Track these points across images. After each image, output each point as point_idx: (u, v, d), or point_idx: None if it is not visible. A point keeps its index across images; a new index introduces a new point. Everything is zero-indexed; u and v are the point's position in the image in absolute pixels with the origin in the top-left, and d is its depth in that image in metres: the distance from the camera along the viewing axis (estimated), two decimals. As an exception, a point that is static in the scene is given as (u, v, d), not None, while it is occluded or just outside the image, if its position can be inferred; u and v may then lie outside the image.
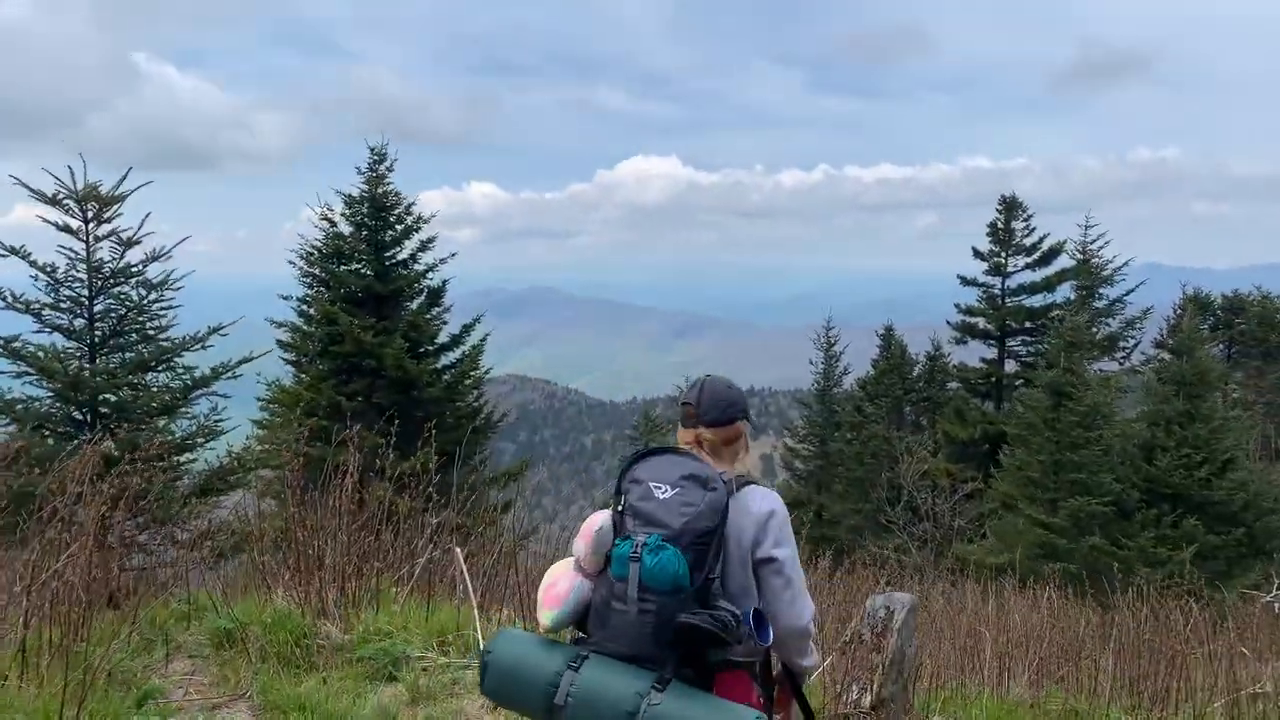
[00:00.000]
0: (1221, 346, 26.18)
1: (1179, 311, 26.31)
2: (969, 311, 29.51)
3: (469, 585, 5.06)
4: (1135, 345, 29.03)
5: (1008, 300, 28.93)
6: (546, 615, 2.69)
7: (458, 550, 5.14)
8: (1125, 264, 29.16)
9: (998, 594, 8.96)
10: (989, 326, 29.12)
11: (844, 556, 26.19)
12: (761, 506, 2.73)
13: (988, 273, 29.23)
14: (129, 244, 10.59)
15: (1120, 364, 28.18)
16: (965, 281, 29.78)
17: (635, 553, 2.48)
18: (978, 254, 29.26)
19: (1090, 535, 16.71)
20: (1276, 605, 13.76)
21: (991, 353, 29.61)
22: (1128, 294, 29.13)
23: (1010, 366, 29.20)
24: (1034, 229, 28.71)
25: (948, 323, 30.28)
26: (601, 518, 2.67)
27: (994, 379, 29.25)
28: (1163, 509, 16.52)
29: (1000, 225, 28.81)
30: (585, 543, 2.63)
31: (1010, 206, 28.83)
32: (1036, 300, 28.74)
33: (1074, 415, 17.97)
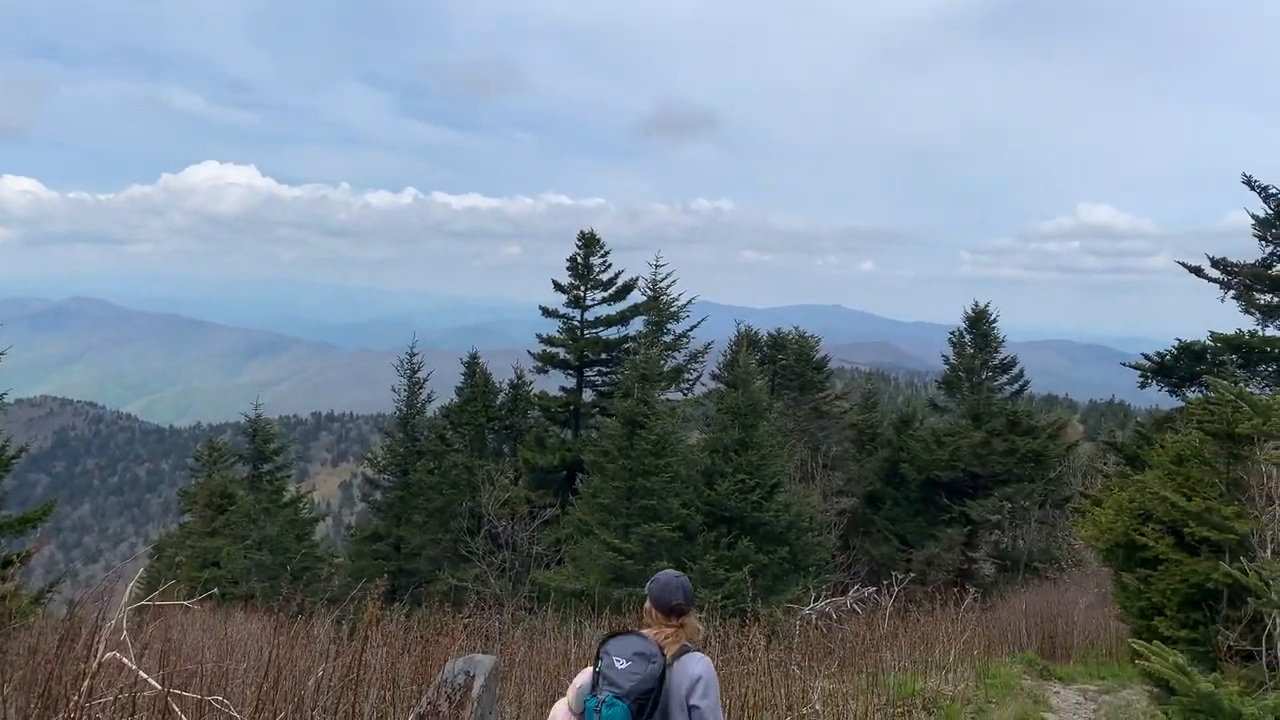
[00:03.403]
0: (766, 379, 29.07)
1: (734, 347, 28.88)
2: (549, 341, 30.27)
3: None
4: (697, 377, 31.49)
5: (586, 332, 30.05)
6: None
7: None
8: (689, 302, 31.59)
9: (578, 634, 8.80)
10: (568, 357, 30.05)
11: (422, 589, 25.51)
12: (694, 671, 4.00)
13: (568, 304, 30.19)
14: None
15: (684, 394, 30.37)
16: (547, 313, 30.53)
17: (598, 707, 3.84)
18: (558, 287, 30.12)
19: (659, 559, 17.51)
20: (814, 617, 15.29)
21: (571, 382, 30.59)
22: (691, 329, 31.53)
23: (588, 396, 30.32)
24: (610, 265, 30.13)
25: (529, 352, 30.85)
26: (584, 676, 4.07)
27: (573, 407, 30.21)
28: (722, 531, 17.77)
29: (580, 260, 29.88)
30: (572, 694, 4.09)
31: (589, 242, 29.99)
32: (612, 333, 30.15)
33: (646, 444, 18.82)
